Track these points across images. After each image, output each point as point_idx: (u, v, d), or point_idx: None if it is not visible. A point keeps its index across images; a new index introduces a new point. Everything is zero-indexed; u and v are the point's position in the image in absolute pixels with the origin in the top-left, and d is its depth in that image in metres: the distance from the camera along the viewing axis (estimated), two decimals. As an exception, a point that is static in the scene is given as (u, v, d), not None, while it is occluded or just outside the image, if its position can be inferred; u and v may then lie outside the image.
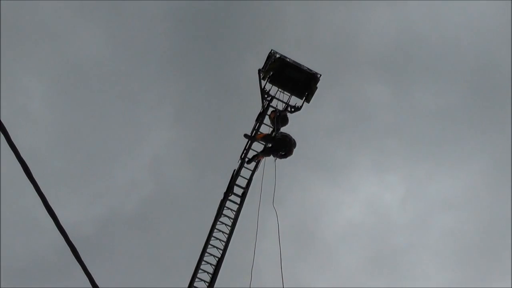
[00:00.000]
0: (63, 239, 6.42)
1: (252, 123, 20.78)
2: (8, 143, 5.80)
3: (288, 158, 20.31)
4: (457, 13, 41.38)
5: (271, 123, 20.58)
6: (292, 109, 20.77)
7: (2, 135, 5.74)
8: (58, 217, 6.28)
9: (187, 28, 40.89)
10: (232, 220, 19.72)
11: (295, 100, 20.77)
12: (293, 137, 20.22)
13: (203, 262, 19.00)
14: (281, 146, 19.99)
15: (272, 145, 20.13)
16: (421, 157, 41.50)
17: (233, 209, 19.91)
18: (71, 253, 6.50)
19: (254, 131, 20.46)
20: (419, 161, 41.50)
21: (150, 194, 38.68)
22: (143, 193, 38.79)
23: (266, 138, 20.26)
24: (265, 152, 20.20)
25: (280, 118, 20.47)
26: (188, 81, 40.41)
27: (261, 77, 20.54)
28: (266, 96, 20.64)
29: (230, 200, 19.95)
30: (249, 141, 20.28)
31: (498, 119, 40.95)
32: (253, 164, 20.38)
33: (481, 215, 40.64)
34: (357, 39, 40.41)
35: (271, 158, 20.31)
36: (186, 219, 36.02)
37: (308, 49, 37.48)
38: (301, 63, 20.46)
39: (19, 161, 5.91)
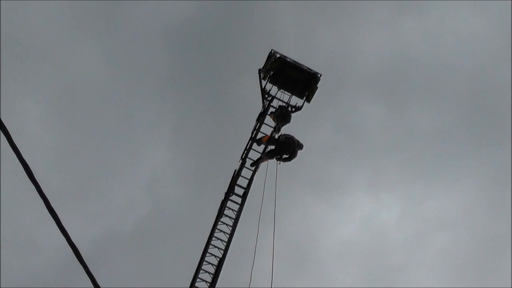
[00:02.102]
0: (65, 240, 6.43)
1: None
2: (10, 144, 5.79)
3: (293, 160, 20.24)
4: (451, 34, 41.95)
5: (274, 121, 20.62)
6: (293, 109, 20.86)
7: (3, 136, 5.73)
8: (59, 218, 6.29)
9: (183, 48, 41.26)
10: (233, 220, 19.66)
11: (295, 100, 21.03)
12: (297, 139, 20.15)
13: (204, 262, 18.91)
14: (285, 148, 19.94)
15: (275, 147, 20.07)
16: (416, 176, 41.88)
17: (234, 209, 19.85)
18: (73, 254, 6.51)
19: (255, 131, 20.45)
20: (415, 180, 41.87)
21: (147, 214, 38.77)
22: (140, 212, 38.91)
23: (269, 140, 20.21)
24: (269, 155, 20.11)
25: (280, 116, 20.55)
26: (185, 101, 40.68)
27: (262, 77, 20.64)
28: (266, 96, 20.76)
29: (231, 200, 19.89)
30: (250, 142, 20.32)
31: (493, 139, 41.42)
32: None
33: (476, 233, 40.87)
34: (353, 59, 40.85)
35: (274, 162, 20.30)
36: (183, 238, 35.90)
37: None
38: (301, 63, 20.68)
39: (21, 162, 5.91)
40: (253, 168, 20.07)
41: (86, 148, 39.39)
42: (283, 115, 20.61)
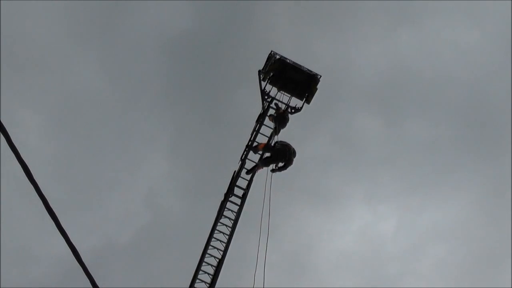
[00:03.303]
0: (64, 240, 6.41)
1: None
2: (9, 144, 5.78)
3: (288, 169, 20.08)
4: (448, 46, 42.25)
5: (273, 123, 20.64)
6: (292, 110, 20.95)
7: (2, 137, 5.72)
8: (58, 218, 6.27)
9: (180, 60, 41.42)
10: (232, 221, 19.63)
11: (294, 102, 21.13)
12: (293, 146, 20.06)
13: (203, 263, 18.88)
14: (280, 156, 19.82)
15: (271, 155, 19.97)
16: (413, 188, 42.04)
17: (234, 210, 19.83)
18: (72, 254, 6.53)
19: (255, 132, 20.48)
20: (411, 192, 41.97)
21: (146, 225, 38.75)
22: (138, 223, 38.93)
23: (265, 147, 20.10)
24: (264, 163, 19.98)
25: (280, 119, 20.55)
26: (182, 112, 40.79)
27: (261, 78, 20.70)
28: (266, 97, 20.80)
29: (231, 201, 19.86)
30: (250, 143, 20.34)
31: (489, 151, 41.64)
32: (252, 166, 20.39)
33: (473, 245, 40.97)
34: (350, 71, 41.04)
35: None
36: (181, 250, 35.87)
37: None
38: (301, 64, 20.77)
39: (19, 162, 5.90)
40: (249, 177, 20.02)
41: (85, 159, 39.56)
42: (283, 118, 20.65)
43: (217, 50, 40.63)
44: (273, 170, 19.89)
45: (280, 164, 19.95)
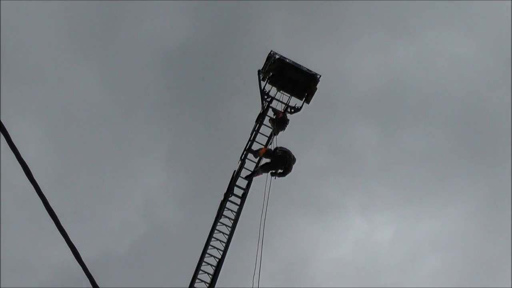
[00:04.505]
0: (64, 239, 6.43)
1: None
2: (9, 144, 5.80)
3: (287, 176, 20.18)
4: (444, 57, 42.48)
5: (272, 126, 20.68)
6: (292, 110, 20.94)
7: (2, 136, 5.74)
8: (58, 218, 6.32)
9: (177, 71, 41.58)
10: (232, 221, 19.61)
11: (294, 101, 21.13)
12: (293, 154, 20.07)
13: (203, 263, 18.83)
14: (281, 162, 19.84)
15: (271, 161, 19.98)
16: (409, 198, 42.11)
17: (234, 210, 19.82)
18: (72, 254, 6.57)
19: (254, 132, 20.50)
20: (408, 202, 42.07)
21: (143, 236, 38.74)
22: (135, 234, 38.89)
23: (266, 153, 20.10)
24: (264, 169, 19.99)
25: (280, 122, 20.55)
26: (180, 123, 40.86)
27: (261, 78, 20.68)
28: (265, 97, 20.80)
29: (230, 201, 19.86)
30: (250, 143, 20.36)
31: (485, 161, 41.78)
32: (253, 165, 20.38)
33: (469, 256, 41.06)
34: (347, 83, 41.12)
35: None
36: (178, 260, 35.76)
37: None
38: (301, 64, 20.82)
39: (19, 162, 5.93)
40: (247, 181, 20.02)
41: (82, 169, 39.51)
42: (284, 122, 20.69)
43: (214, 61, 40.82)
44: (272, 174, 19.93)
45: (280, 171, 19.96)
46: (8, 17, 34.58)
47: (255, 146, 20.45)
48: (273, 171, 19.97)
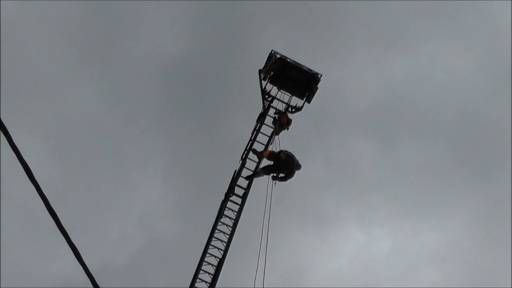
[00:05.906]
0: (65, 239, 6.48)
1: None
2: (10, 144, 5.79)
3: (288, 181, 19.98)
4: (441, 71, 42.60)
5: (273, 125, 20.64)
6: (293, 110, 20.97)
7: (3, 136, 5.74)
8: (59, 218, 6.35)
9: (175, 84, 41.69)
10: (233, 221, 19.52)
11: (295, 101, 21.15)
12: (297, 159, 19.86)
13: (204, 263, 18.73)
14: (283, 166, 19.64)
15: (274, 163, 19.78)
16: (406, 211, 42.14)
17: (235, 209, 19.74)
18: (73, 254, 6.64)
19: (255, 132, 20.55)
20: (405, 215, 42.09)
21: (141, 248, 38.67)
22: (134, 246, 38.82)
23: (270, 155, 19.93)
24: (265, 171, 19.83)
25: (279, 121, 20.52)
26: (178, 137, 40.89)
27: (262, 77, 20.69)
28: (266, 96, 20.80)
29: (231, 201, 19.79)
30: (251, 142, 20.34)
31: (483, 174, 41.84)
32: (254, 165, 20.32)
33: (467, 268, 40.97)
34: (344, 96, 41.15)
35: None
36: (176, 273, 35.65)
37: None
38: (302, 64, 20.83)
39: (20, 162, 5.92)
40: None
41: (80, 182, 39.46)
42: (287, 123, 20.69)
43: (212, 74, 40.93)
44: (274, 178, 19.74)
45: (281, 175, 19.79)
46: (8, 29, 34.72)
47: (256, 147, 20.48)
48: (274, 174, 19.81)
